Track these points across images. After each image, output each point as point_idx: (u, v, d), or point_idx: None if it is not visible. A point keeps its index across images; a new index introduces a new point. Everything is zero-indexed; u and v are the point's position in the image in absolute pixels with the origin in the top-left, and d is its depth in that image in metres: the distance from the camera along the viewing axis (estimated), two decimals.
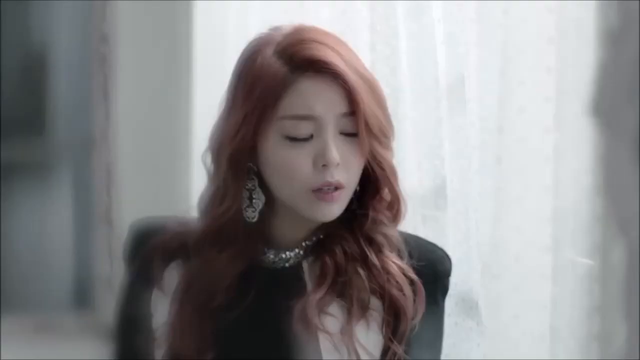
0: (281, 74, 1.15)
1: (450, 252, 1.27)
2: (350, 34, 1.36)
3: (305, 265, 1.23)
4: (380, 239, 1.22)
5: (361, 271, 1.20)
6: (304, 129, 1.16)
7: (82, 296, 2.24)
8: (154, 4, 2.03)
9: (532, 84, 1.09)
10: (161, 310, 1.25)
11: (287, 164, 1.17)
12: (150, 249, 1.26)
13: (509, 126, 1.11)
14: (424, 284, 1.22)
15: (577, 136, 0.98)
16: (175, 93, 2.04)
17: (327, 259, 1.21)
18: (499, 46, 1.16)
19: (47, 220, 2.24)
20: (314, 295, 1.20)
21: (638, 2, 0.57)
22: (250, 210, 1.20)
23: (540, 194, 1.08)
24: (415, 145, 1.39)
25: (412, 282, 1.21)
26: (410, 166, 1.38)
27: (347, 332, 1.18)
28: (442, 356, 1.24)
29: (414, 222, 1.36)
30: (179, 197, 1.93)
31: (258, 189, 1.20)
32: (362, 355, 1.19)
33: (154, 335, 1.25)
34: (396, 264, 1.21)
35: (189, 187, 1.95)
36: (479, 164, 1.23)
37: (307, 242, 1.23)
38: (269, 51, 1.17)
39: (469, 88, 1.27)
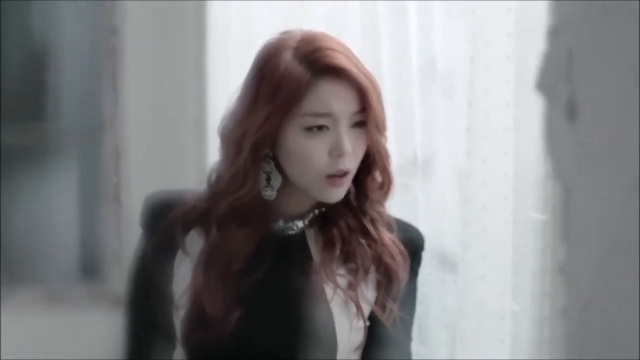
0: (304, 78, 1.29)
1: (427, 214, 1.47)
2: (342, 30, 1.54)
3: (308, 233, 1.40)
4: (374, 214, 1.38)
5: (363, 241, 1.37)
6: (321, 122, 1.30)
7: (92, 269, 2.26)
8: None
9: (495, 69, 1.30)
10: (184, 270, 1.38)
11: (306, 154, 1.31)
12: (173, 219, 1.38)
13: (477, 103, 1.32)
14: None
15: (532, 111, 1.19)
16: (182, 82, 2.14)
17: (334, 230, 1.37)
18: (469, 38, 1.37)
19: (60, 199, 2.28)
20: (326, 259, 1.36)
21: (572, 2, 0.69)
22: (268, 189, 1.35)
23: (502, 157, 1.29)
24: (396, 123, 1.58)
25: (400, 252, 1.38)
26: (392, 142, 1.54)
27: (354, 288, 1.35)
28: (419, 303, 1.43)
29: (395, 189, 1.55)
30: (184, 177, 2.03)
31: (275, 171, 1.34)
32: (364, 306, 1.36)
33: (173, 296, 1.37)
34: (388, 237, 1.38)
35: (192, 169, 2.10)
36: (452, 134, 1.44)
37: (310, 214, 1.39)
38: (288, 56, 1.31)
39: (444, 73, 1.47)
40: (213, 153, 1.88)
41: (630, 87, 0.65)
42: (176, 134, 2.20)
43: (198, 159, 2.15)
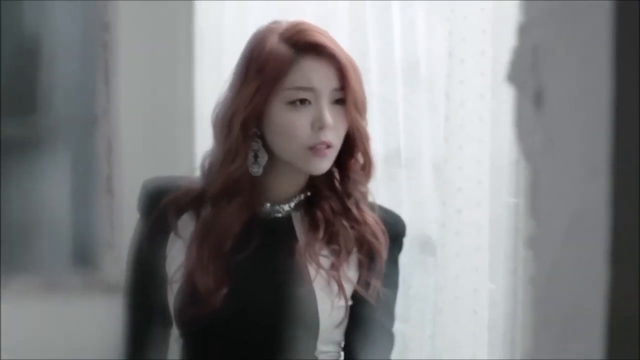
0: (288, 55, 1.38)
1: (409, 199, 1.55)
2: (332, 27, 1.62)
3: (295, 216, 1.46)
4: (357, 195, 1.45)
5: (346, 223, 1.44)
6: (304, 96, 1.38)
7: (86, 258, 2.31)
8: None
9: (471, 63, 1.38)
10: (176, 251, 1.45)
11: (289, 126, 1.38)
12: (166, 203, 1.46)
13: (453, 94, 1.40)
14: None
15: (506, 101, 1.27)
16: (172, 76, 2.19)
17: (319, 214, 1.44)
18: (447, 35, 1.45)
19: (55, 191, 2.31)
20: (310, 241, 1.42)
21: (538, 2, 0.74)
22: (255, 166, 1.42)
23: (477, 143, 1.37)
24: (381, 115, 1.66)
25: (382, 231, 1.45)
26: (377, 133, 1.64)
27: (336, 268, 1.42)
28: (401, 283, 1.51)
29: (381, 178, 1.63)
30: (175, 168, 2.02)
31: (262, 149, 1.42)
32: (347, 286, 1.43)
33: (166, 274, 1.44)
34: (371, 216, 1.45)
35: (183, 160, 2.15)
36: (432, 125, 1.52)
37: (297, 198, 1.46)
38: (274, 39, 1.39)
39: (424, 66, 1.55)
40: (202, 145, 1.94)
41: (589, 78, 0.69)
42: (167, 127, 2.24)
43: (188, 151, 2.20)
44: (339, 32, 1.64)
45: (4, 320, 2.17)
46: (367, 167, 1.45)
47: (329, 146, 1.39)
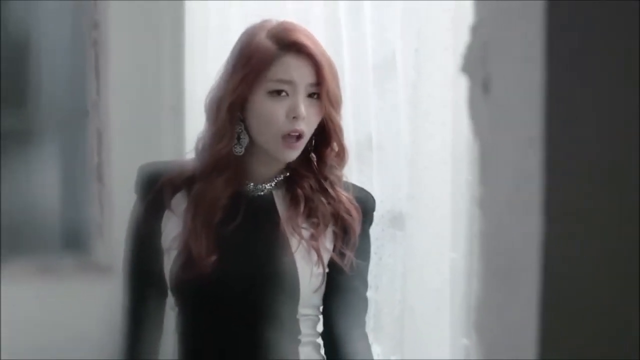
0: (272, 50, 1.52)
1: (380, 179, 1.69)
2: (309, 25, 1.76)
3: (276, 194, 1.60)
4: (332, 178, 1.60)
5: (323, 200, 1.58)
6: (283, 88, 1.52)
7: (77, 243, 2.40)
8: None
9: (437, 58, 1.53)
10: (170, 227, 1.58)
11: (268, 114, 1.52)
12: (161, 184, 1.59)
13: (421, 85, 1.54)
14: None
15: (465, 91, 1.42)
16: (159, 72, 2.29)
17: (299, 191, 1.58)
18: (415, 33, 1.60)
19: (49, 179, 2.41)
20: (292, 215, 1.56)
21: (487, 5, 0.83)
22: (238, 146, 1.56)
23: (440, 128, 1.52)
24: (353, 104, 1.81)
25: (355, 208, 1.60)
26: (350, 121, 1.79)
27: (315, 239, 1.56)
28: (373, 254, 1.65)
29: (353, 161, 1.77)
30: (162, 158, 2.13)
31: (244, 132, 1.56)
32: (324, 255, 1.57)
33: (162, 248, 1.56)
34: (345, 195, 1.60)
35: (169, 150, 2.23)
36: (400, 112, 1.66)
37: (277, 178, 1.60)
38: (262, 35, 1.54)
39: (395, 61, 1.70)
40: (189, 136, 2.05)
41: (527, 69, 0.78)
42: (154, 118, 2.33)
43: (175, 142, 2.30)
44: (315, 28, 1.77)
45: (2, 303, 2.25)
46: (341, 155, 1.60)
47: (300, 136, 1.52)
